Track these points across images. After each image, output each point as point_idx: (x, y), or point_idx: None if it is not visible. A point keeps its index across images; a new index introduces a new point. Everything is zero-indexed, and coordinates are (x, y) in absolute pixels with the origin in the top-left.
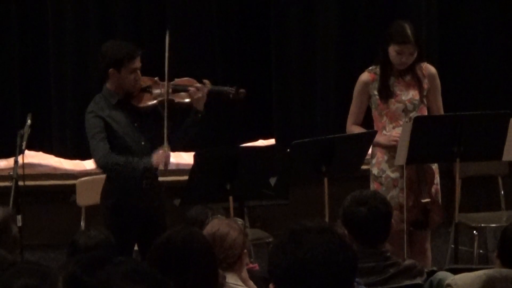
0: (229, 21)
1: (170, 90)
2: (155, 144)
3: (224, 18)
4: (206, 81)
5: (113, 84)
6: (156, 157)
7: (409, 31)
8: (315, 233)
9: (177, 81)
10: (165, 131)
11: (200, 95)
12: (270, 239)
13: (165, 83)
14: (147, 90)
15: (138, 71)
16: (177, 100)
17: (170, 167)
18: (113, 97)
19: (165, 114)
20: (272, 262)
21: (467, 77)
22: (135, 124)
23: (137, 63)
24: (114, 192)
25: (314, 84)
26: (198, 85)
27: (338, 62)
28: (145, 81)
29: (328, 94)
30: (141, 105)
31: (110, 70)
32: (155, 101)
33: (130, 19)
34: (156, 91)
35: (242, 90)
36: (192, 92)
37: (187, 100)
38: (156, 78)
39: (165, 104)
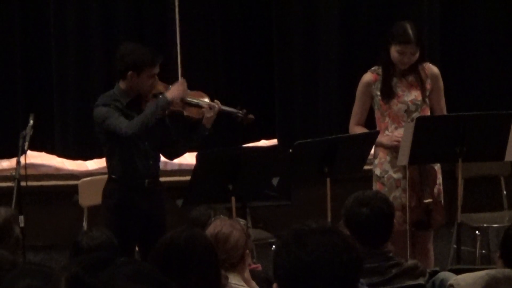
0: (231, 22)
1: (181, 103)
2: (157, 148)
3: (226, 19)
4: (216, 101)
5: (127, 85)
6: (171, 91)
7: (410, 31)
8: (319, 234)
9: (189, 93)
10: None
11: (212, 114)
12: (273, 240)
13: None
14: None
15: (156, 77)
16: (186, 113)
17: (172, 168)
18: (125, 98)
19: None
20: (276, 263)
21: (469, 77)
22: None
23: (157, 69)
24: (116, 192)
25: (316, 85)
26: (212, 103)
27: (340, 62)
28: (159, 87)
29: (330, 94)
30: None
31: (130, 72)
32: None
33: (132, 20)
34: None
35: (251, 116)
36: (205, 110)
37: (195, 115)
38: (169, 86)
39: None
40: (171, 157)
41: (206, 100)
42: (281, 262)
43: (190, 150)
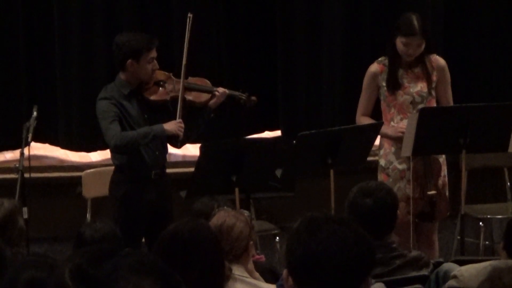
0: (235, 13)
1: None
2: (163, 139)
3: (230, 11)
4: (221, 88)
5: (127, 75)
6: (169, 125)
7: (416, 23)
8: (332, 224)
9: (191, 79)
10: (179, 107)
11: (223, 99)
12: (276, 231)
13: (182, 70)
14: (160, 84)
15: (155, 61)
16: (188, 98)
17: (176, 159)
18: (126, 88)
19: (181, 84)
20: (288, 249)
21: (473, 69)
22: (145, 116)
23: (154, 53)
24: (123, 183)
25: (320, 76)
26: (221, 89)
27: (344, 54)
28: (160, 75)
29: (334, 86)
30: (153, 98)
31: (129, 61)
32: (167, 97)
33: (135, 13)
34: (169, 86)
35: (253, 98)
36: (219, 95)
37: (198, 100)
38: (170, 74)
39: (181, 78)
40: (177, 145)
41: (208, 83)
42: (292, 248)
43: (194, 141)
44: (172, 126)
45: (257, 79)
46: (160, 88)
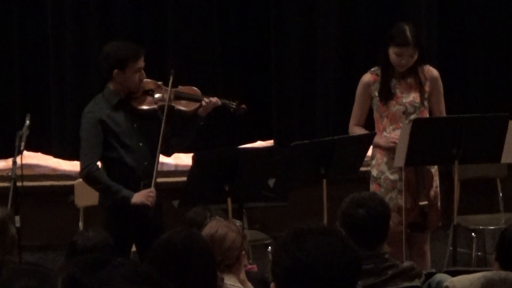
0: (229, 22)
1: (172, 97)
2: (153, 146)
3: (224, 19)
4: (212, 97)
5: (116, 85)
6: (138, 196)
7: (408, 34)
8: (318, 235)
9: (181, 88)
10: (155, 172)
11: (212, 107)
12: (269, 241)
13: (170, 81)
14: (149, 93)
15: (142, 70)
16: (177, 107)
17: (168, 169)
18: (114, 98)
19: (160, 142)
20: (274, 262)
21: (467, 79)
22: (135, 125)
23: (141, 63)
24: None
25: (313, 86)
26: (210, 99)
27: (338, 63)
28: (149, 84)
29: (327, 95)
30: (141, 107)
31: (115, 71)
32: (155, 105)
33: (130, 20)
34: (158, 95)
35: (243, 106)
36: (209, 102)
37: (187, 108)
38: (160, 83)
39: (161, 136)
40: (167, 153)
41: (198, 92)
42: (279, 261)
43: (187, 150)
44: (140, 197)
45: (250, 88)
46: (149, 97)
